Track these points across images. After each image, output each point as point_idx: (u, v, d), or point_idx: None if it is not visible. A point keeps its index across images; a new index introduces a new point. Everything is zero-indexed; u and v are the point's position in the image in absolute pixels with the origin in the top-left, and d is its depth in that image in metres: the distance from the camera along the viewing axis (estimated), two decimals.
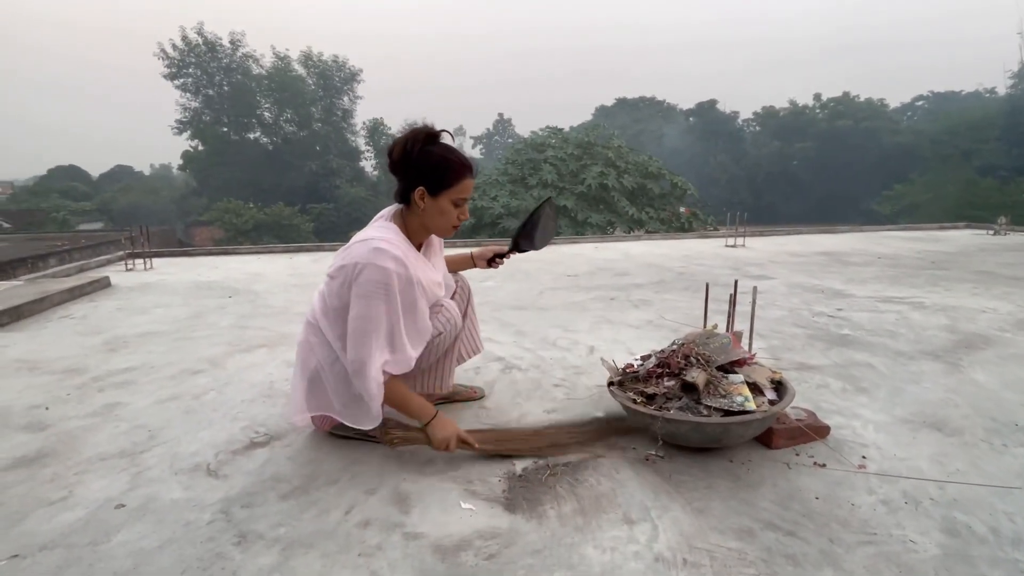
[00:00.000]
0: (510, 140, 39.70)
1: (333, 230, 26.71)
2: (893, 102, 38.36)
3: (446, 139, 1.48)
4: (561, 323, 3.08)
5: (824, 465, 1.49)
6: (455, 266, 1.85)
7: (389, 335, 1.41)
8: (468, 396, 1.95)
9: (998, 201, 19.46)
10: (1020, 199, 20.24)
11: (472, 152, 50.81)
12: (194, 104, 31.53)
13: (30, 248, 8.65)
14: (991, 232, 8.44)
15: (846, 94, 35.61)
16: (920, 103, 40.98)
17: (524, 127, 50.84)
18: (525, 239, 1.74)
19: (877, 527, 1.23)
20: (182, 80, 30.88)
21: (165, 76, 30.52)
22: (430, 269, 1.54)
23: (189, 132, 31.55)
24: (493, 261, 1.85)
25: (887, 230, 9.40)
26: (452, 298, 1.73)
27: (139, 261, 5.65)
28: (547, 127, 16.36)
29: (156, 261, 5.97)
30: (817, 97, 36.89)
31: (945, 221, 10.71)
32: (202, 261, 6.25)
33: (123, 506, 1.33)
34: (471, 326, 1.84)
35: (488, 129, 50.77)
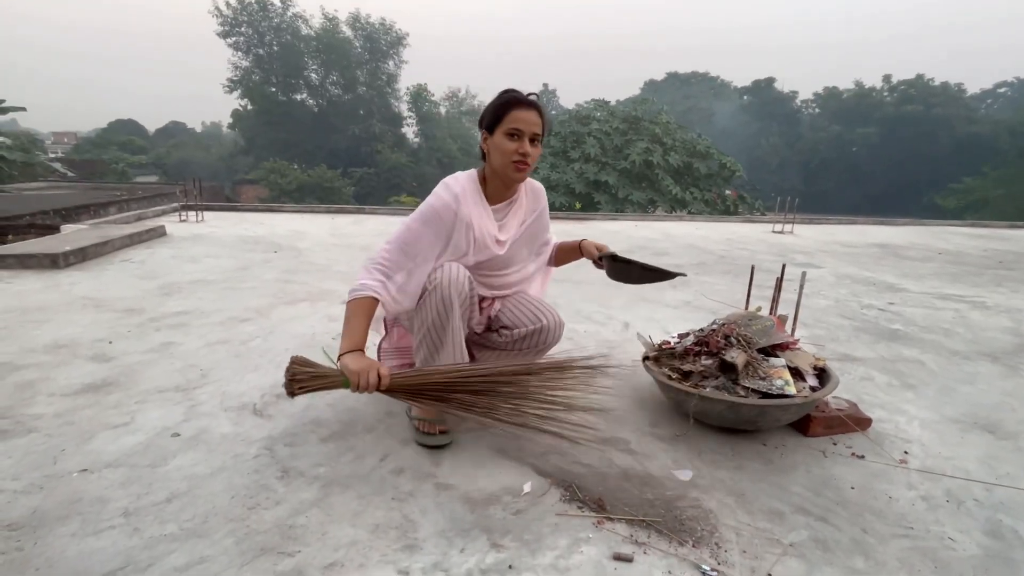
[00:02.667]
0: (554, 112, 38.89)
1: (373, 195, 27.08)
2: (972, 88, 35.47)
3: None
4: (596, 298, 3.06)
5: (863, 457, 1.45)
6: (566, 256, 1.73)
7: (408, 242, 1.40)
8: None
9: None
10: None
11: None
12: (245, 63, 32.10)
13: (92, 196, 9.14)
14: None
15: (919, 77, 33.07)
16: (1003, 90, 37.75)
17: (569, 99, 49.57)
18: (621, 266, 1.61)
19: (914, 522, 1.19)
20: (234, 39, 31.39)
21: (219, 34, 31.10)
22: (490, 221, 1.48)
23: (239, 91, 32.22)
24: (601, 260, 1.66)
25: (951, 225, 8.83)
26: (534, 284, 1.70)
27: (191, 213, 5.90)
28: (593, 100, 15.93)
29: (207, 214, 6.22)
30: (887, 79, 34.40)
31: (1017, 219, 9.95)
32: (248, 217, 6.47)
33: (178, 435, 1.43)
34: (526, 300, 1.66)
35: None
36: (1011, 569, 1.07)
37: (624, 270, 1.62)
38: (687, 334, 1.74)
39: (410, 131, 35.79)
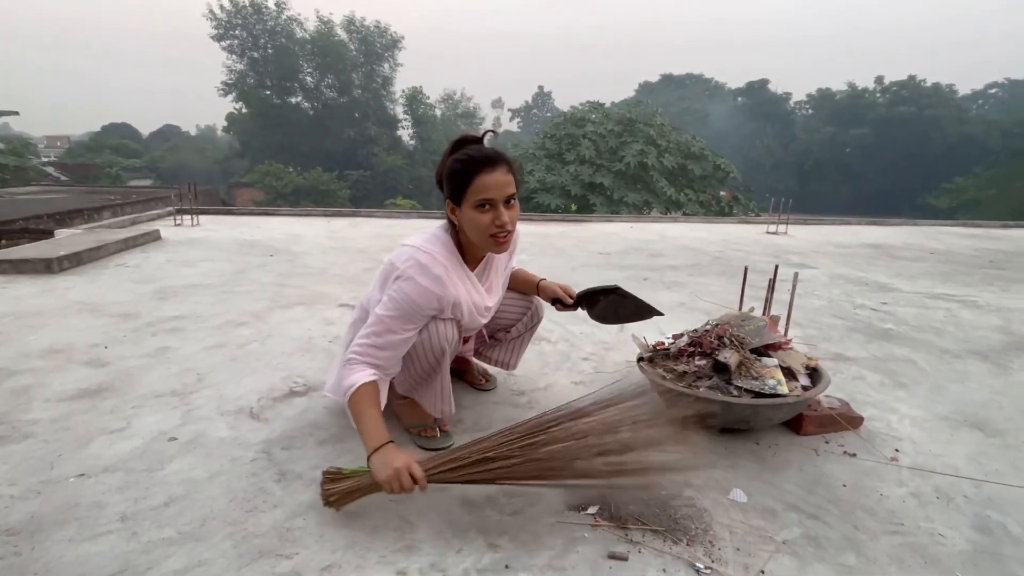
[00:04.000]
0: (549, 114, 38.96)
1: (369, 197, 27.06)
2: (963, 88, 35.77)
3: (489, 137, 1.33)
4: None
5: (854, 455, 1.47)
6: (521, 285, 1.65)
7: (393, 343, 1.25)
8: (473, 381, 1.82)
9: None
10: None
11: (509, 125, 50.15)
12: (239, 66, 32.06)
13: (86, 200, 9.10)
14: None
15: (911, 78, 33.33)
16: (994, 91, 38.07)
17: (564, 101, 49.70)
18: (591, 302, 1.60)
19: (905, 518, 1.21)
20: (228, 42, 31.36)
21: (213, 37, 31.06)
22: (477, 292, 1.38)
23: (234, 94, 32.17)
24: (557, 302, 1.61)
25: (943, 225, 8.90)
26: (511, 325, 1.66)
27: (187, 217, 5.89)
28: (587, 102, 15.98)
29: (202, 218, 6.21)
30: (879, 80, 34.66)
31: (1008, 219, 10.05)
32: (244, 220, 6.46)
33: (175, 439, 1.43)
34: (518, 345, 1.72)
35: (527, 102, 49.84)
36: (999, 564, 1.08)
37: (606, 307, 1.61)
38: (681, 335, 1.76)
39: (406, 134, 35.84)
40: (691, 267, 4.24)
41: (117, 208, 7.98)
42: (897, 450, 1.51)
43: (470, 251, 1.35)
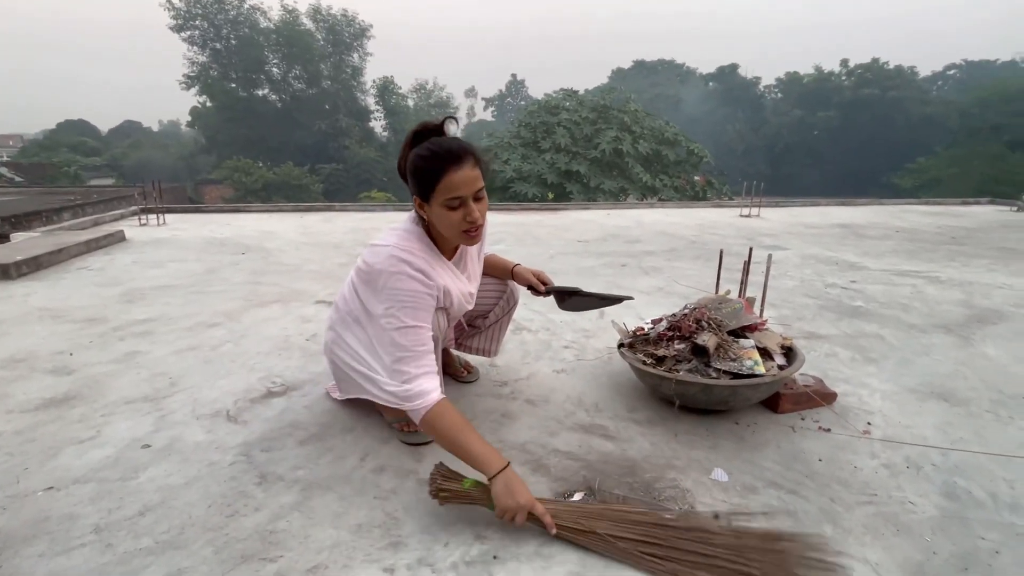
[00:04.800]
0: (523, 103, 38.71)
1: (343, 191, 26.59)
2: (924, 70, 36.79)
3: (450, 128, 1.27)
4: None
5: (829, 430, 1.51)
6: (494, 271, 1.64)
7: (426, 340, 1.21)
8: (455, 373, 1.80)
9: None
10: None
11: (484, 115, 49.73)
12: (201, 58, 30.95)
13: (44, 201, 8.71)
14: (1015, 209, 8.22)
15: (875, 60, 34.11)
16: (952, 72, 39.29)
17: (538, 89, 49.49)
18: (559, 296, 1.62)
19: (878, 488, 1.26)
20: (189, 33, 30.20)
21: (172, 28, 29.86)
22: (460, 279, 1.37)
23: (197, 87, 31.07)
24: (531, 288, 1.61)
25: (907, 204, 9.19)
26: (491, 308, 1.67)
27: (152, 216, 5.69)
28: (561, 89, 15.93)
29: (168, 217, 6.01)
30: (844, 63, 35.38)
31: (968, 196, 10.43)
32: (213, 218, 6.28)
33: (149, 446, 1.39)
34: (497, 331, 1.73)
35: (501, 90, 49.44)
36: (965, 528, 1.13)
37: (572, 302, 1.63)
38: (660, 319, 1.78)
39: (378, 125, 35.22)
40: (668, 252, 4.29)
41: (78, 209, 7.66)
42: (869, 423, 1.56)
43: (444, 242, 1.33)
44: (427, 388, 1.15)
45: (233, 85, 31.65)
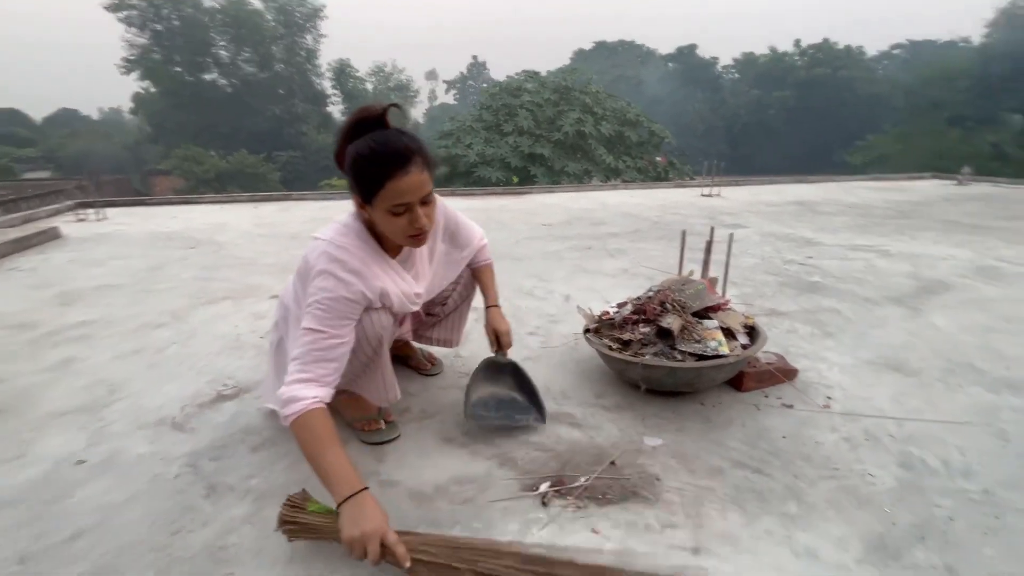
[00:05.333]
0: (485, 84, 38.10)
1: (302, 179, 25.69)
2: (871, 50, 38.05)
3: (393, 118, 1.13)
4: (536, 273, 3.06)
5: (791, 406, 1.53)
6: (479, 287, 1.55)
7: (334, 347, 1.10)
8: (419, 366, 1.75)
9: (964, 152, 19.85)
10: (984, 150, 20.71)
11: (445, 98, 48.78)
12: (141, 40, 29.07)
13: None
14: (955, 182, 8.66)
15: (826, 41, 35.04)
16: (897, 51, 40.73)
17: (500, 71, 48.77)
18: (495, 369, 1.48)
19: (839, 463, 1.28)
20: (125, 13, 28.28)
21: (107, 8, 27.89)
22: (404, 280, 1.26)
23: (139, 72, 29.24)
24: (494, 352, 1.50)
25: (858, 180, 9.54)
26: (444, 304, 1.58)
27: (91, 211, 5.33)
28: (523, 71, 15.71)
29: (110, 211, 5.65)
30: (797, 44, 36.22)
31: (913, 172, 10.92)
32: (161, 211, 5.94)
33: (84, 462, 1.29)
34: (457, 319, 1.64)
35: (462, 73, 48.48)
36: (922, 496, 1.16)
37: (488, 403, 1.45)
38: (625, 303, 1.76)
39: (336, 110, 34.05)
40: (632, 233, 4.30)
41: (9, 204, 7.11)
42: (829, 397, 1.59)
43: (388, 239, 1.21)
44: (301, 395, 1.02)
45: (178, 69, 29.91)
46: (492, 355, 1.49)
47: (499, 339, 1.47)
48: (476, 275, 1.55)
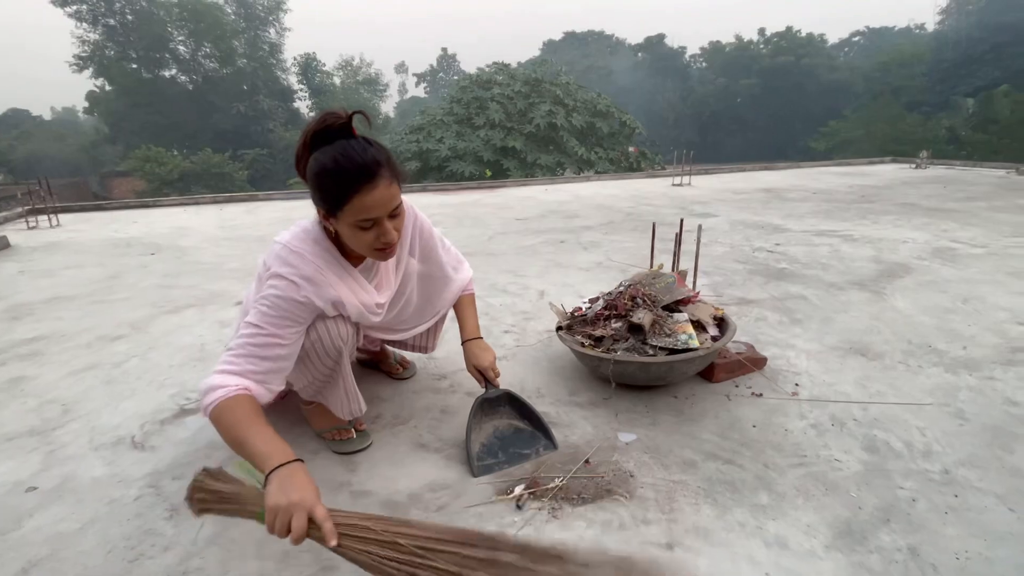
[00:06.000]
0: (456, 77, 37.70)
1: (270, 177, 25.05)
2: (832, 38, 38.99)
3: (359, 127, 1.08)
4: (511, 268, 3.04)
5: (761, 395, 1.55)
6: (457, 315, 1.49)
7: (272, 347, 1.07)
8: (390, 370, 1.72)
9: (921, 136, 20.59)
10: (940, 133, 21.50)
11: (416, 91, 48.12)
12: (93, 36, 27.77)
13: None
14: (914, 166, 8.95)
15: (789, 29, 35.74)
16: (856, 39, 41.83)
17: (470, 63, 48.39)
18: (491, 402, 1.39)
19: (807, 449, 1.30)
20: (75, 7, 26.96)
21: (53, 2, 26.52)
22: (364, 290, 1.21)
23: (92, 69, 27.96)
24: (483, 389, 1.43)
25: (822, 166, 9.79)
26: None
27: (43, 218, 5.08)
28: (494, 63, 15.59)
29: (64, 217, 5.40)
30: (761, 32, 36.87)
31: (874, 156, 11.25)
32: (119, 215, 5.71)
33: (35, 488, 1.22)
34: (433, 328, 1.58)
35: (432, 65, 47.84)
36: (886, 479, 1.19)
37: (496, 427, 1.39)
38: (597, 298, 1.76)
39: (303, 105, 33.22)
40: (605, 225, 4.32)
41: None
42: (797, 384, 1.62)
43: (352, 250, 1.15)
44: (223, 383, 0.98)
45: (135, 66, 28.70)
46: (482, 391, 1.39)
47: (483, 374, 1.38)
48: (455, 305, 1.49)
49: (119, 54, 28.27)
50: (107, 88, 28.54)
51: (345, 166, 1.00)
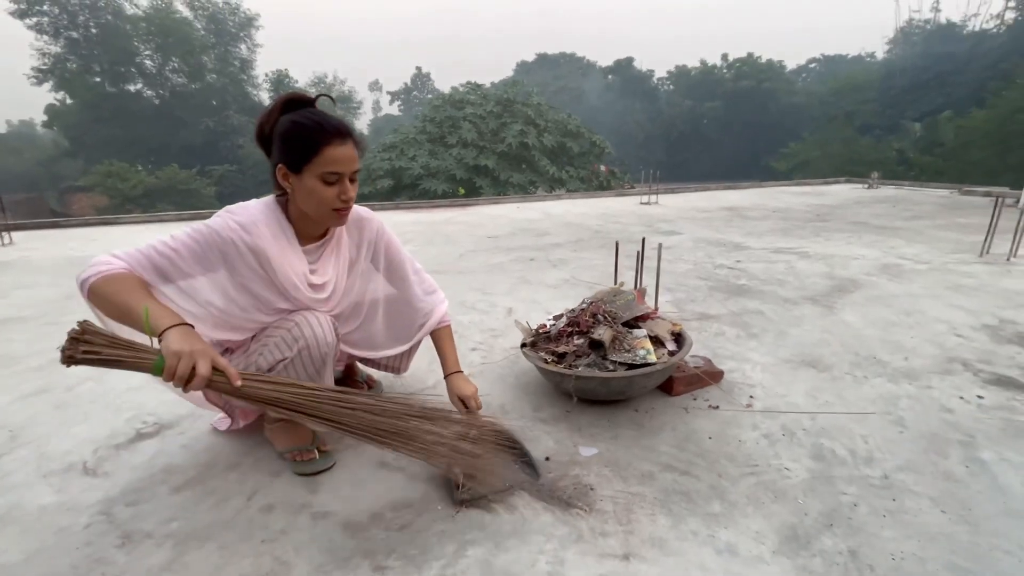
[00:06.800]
0: (429, 96, 37.99)
1: (239, 194, 24.36)
2: (791, 64, 41.02)
3: (324, 105, 1.20)
4: (480, 286, 3.07)
5: (718, 407, 1.61)
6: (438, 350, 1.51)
7: (171, 260, 1.10)
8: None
9: (873, 158, 21.74)
10: (890, 155, 22.73)
11: (390, 109, 48.23)
12: (54, 49, 27.01)
13: None
14: (866, 186, 9.44)
15: (750, 55, 37.47)
16: (813, 65, 44.10)
17: (444, 82, 48.83)
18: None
19: (759, 459, 1.36)
20: (35, 19, 26.21)
21: (13, 14, 25.73)
22: (297, 258, 1.23)
23: (52, 82, 27.13)
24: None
25: (781, 186, 10.22)
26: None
27: None
28: (467, 83, 15.82)
29: (17, 235, 5.19)
30: (724, 57, 38.52)
31: (829, 176, 11.81)
32: (77, 233, 5.52)
33: None
34: (408, 351, 1.60)
35: (406, 84, 48.14)
36: (831, 486, 1.26)
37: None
38: (561, 315, 1.81)
39: None
40: (574, 243, 4.41)
41: None
42: (752, 396, 1.69)
43: (302, 227, 1.23)
44: (106, 261, 1.05)
45: (98, 79, 27.96)
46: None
47: (466, 404, 1.39)
48: (435, 339, 1.50)
49: (82, 67, 27.53)
50: (68, 101, 27.70)
51: (319, 121, 1.11)
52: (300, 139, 1.11)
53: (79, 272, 1.05)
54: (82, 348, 0.94)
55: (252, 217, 1.16)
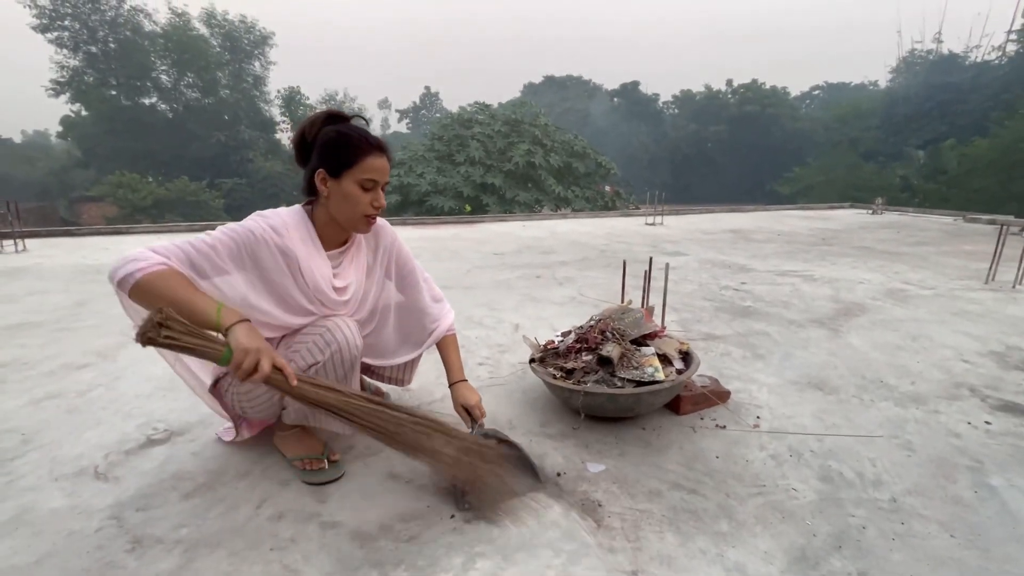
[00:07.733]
0: (438, 115, 38.59)
1: (247, 207, 24.67)
2: (794, 90, 41.58)
3: (358, 124, 1.29)
4: (487, 302, 3.09)
5: (724, 427, 1.62)
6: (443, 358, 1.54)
7: (209, 257, 1.14)
8: None
9: (877, 184, 21.86)
10: (894, 182, 22.86)
11: (398, 127, 48.96)
12: (73, 62, 27.65)
13: None
14: (870, 211, 9.48)
15: (754, 81, 38.02)
16: (816, 92, 44.68)
17: (452, 101, 49.68)
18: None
19: (766, 479, 1.36)
20: (56, 34, 26.92)
21: (35, 28, 26.44)
22: (323, 261, 1.28)
23: (69, 94, 27.72)
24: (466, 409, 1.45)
25: (786, 209, 10.28)
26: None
27: (8, 242, 4.95)
28: (475, 103, 16.08)
29: (31, 242, 5.27)
30: (729, 83, 39.10)
31: (834, 201, 11.87)
32: (89, 242, 5.59)
33: None
34: (412, 363, 1.64)
35: (415, 103, 48.95)
36: (839, 508, 1.26)
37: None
38: (569, 332, 1.82)
39: (285, 137, 33.36)
40: (580, 261, 4.44)
41: None
42: (759, 417, 1.69)
43: (326, 234, 1.30)
44: (143, 256, 1.08)
45: (114, 93, 28.55)
46: (468, 430, 1.39)
47: (470, 413, 1.41)
48: (440, 347, 1.53)
49: (99, 80, 28.14)
50: (83, 113, 28.25)
51: (363, 134, 1.24)
52: (344, 147, 1.21)
53: (115, 266, 1.08)
54: (164, 333, 1.01)
55: (283, 221, 1.23)
